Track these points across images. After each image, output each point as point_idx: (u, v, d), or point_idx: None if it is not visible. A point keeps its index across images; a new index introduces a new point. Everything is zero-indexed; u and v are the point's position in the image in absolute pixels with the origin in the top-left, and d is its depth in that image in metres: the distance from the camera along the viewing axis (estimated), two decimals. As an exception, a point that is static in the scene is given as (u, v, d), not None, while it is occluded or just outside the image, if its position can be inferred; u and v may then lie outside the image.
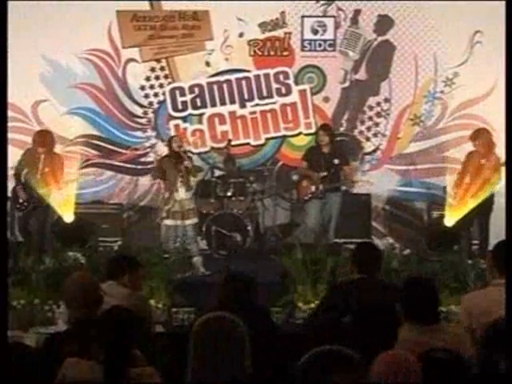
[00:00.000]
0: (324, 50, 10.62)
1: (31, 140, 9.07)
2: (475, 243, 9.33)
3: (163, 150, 10.26)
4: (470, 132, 9.45)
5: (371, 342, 3.65)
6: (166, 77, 10.63)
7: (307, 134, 10.57)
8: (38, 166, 8.84)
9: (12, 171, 8.72)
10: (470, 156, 9.25)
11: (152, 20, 10.53)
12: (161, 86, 10.64)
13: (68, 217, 9.05)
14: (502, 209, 7.04)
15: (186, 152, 8.95)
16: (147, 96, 10.67)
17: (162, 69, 10.63)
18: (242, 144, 10.61)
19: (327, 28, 10.59)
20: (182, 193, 8.71)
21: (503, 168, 8.65)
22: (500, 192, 8.57)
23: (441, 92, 10.64)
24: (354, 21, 10.61)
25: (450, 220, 9.08)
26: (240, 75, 10.61)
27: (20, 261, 7.71)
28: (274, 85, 10.60)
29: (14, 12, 9.05)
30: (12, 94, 8.18)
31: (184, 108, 10.64)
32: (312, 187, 9.37)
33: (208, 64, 10.62)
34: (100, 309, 4.47)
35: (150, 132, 10.71)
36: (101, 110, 10.62)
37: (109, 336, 3.78)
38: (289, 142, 10.70)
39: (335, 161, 9.35)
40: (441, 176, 10.48)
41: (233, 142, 10.20)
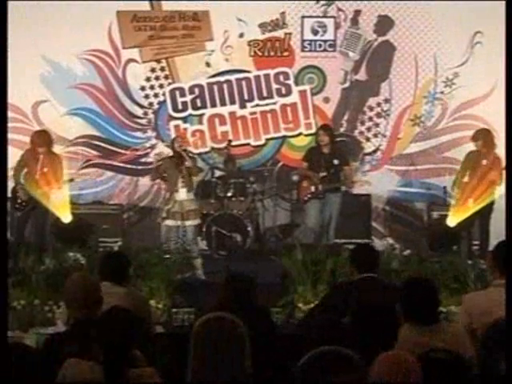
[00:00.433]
0: (324, 51, 10.63)
1: (29, 140, 9.04)
2: (475, 244, 9.33)
3: (163, 151, 10.28)
4: (471, 132, 9.46)
5: (371, 343, 3.65)
6: (166, 77, 10.63)
7: (307, 135, 10.57)
8: (37, 167, 8.82)
9: (11, 172, 8.71)
10: (471, 156, 9.24)
11: (152, 20, 10.54)
12: (161, 87, 10.64)
13: (66, 217, 9.04)
14: (502, 209, 7.06)
15: (188, 152, 8.92)
16: (147, 96, 10.66)
17: (162, 69, 10.63)
18: (242, 144, 10.61)
19: (327, 28, 10.60)
20: (183, 193, 8.69)
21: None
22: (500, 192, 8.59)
23: (441, 92, 10.64)
24: (354, 21, 10.61)
25: (453, 221, 9.06)
26: (240, 76, 10.61)
27: (20, 261, 7.69)
28: (274, 85, 10.60)
29: (14, 12, 9.04)
30: (12, 95, 8.19)
31: (184, 108, 10.63)
32: (312, 188, 9.36)
33: (208, 64, 10.62)
34: (100, 309, 4.47)
35: (150, 132, 10.71)
36: (101, 111, 10.62)
37: (109, 336, 3.78)
38: (289, 143, 10.70)
39: (335, 161, 9.34)
40: (441, 176, 10.49)
41: (233, 143, 10.19)
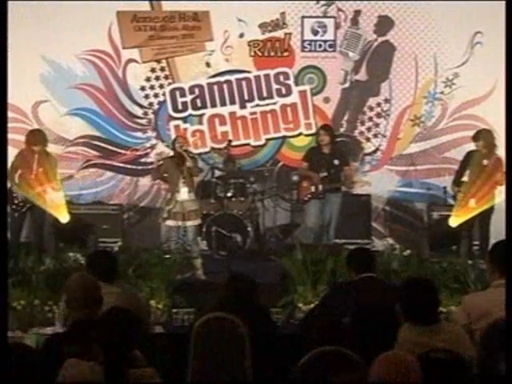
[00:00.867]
0: (324, 51, 10.63)
1: (24, 140, 8.96)
2: (475, 244, 9.33)
3: (164, 151, 10.29)
4: (471, 133, 9.46)
5: (371, 343, 3.65)
6: (167, 77, 10.63)
7: (307, 135, 10.57)
8: (33, 166, 8.80)
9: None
10: (471, 156, 9.24)
11: (152, 21, 10.53)
12: (161, 87, 10.64)
13: (63, 217, 9.03)
14: (503, 209, 7.06)
15: (189, 153, 8.89)
16: (147, 96, 10.66)
17: (163, 69, 10.63)
18: (243, 145, 10.61)
19: (327, 29, 10.60)
20: (184, 194, 8.67)
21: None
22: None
23: (441, 93, 10.64)
24: (354, 21, 10.61)
25: (456, 221, 9.05)
26: (240, 76, 10.61)
27: (20, 261, 7.69)
28: (274, 85, 10.60)
29: (14, 12, 9.04)
30: (12, 95, 8.18)
31: (184, 108, 10.63)
32: (312, 188, 9.36)
33: (208, 65, 10.62)
34: (100, 309, 4.47)
35: (150, 133, 10.70)
36: (101, 111, 10.62)
37: (109, 336, 3.78)
38: (289, 143, 10.69)
39: (335, 161, 9.34)
40: (441, 177, 10.49)
41: (233, 143, 10.17)
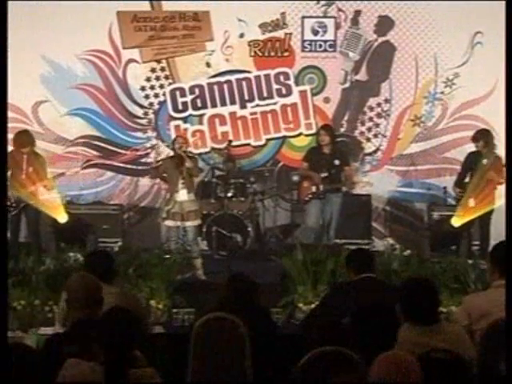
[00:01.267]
0: (324, 51, 10.62)
1: (12, 142, 8.81)
2: (476, 244, 9.33)
3: (164, 151, 10.29)
4: (471, 133, 9.47)
5: (371, 343, 3.65)
6: (167, 77, 10.63)
7: (308, 135, 10.57)
8: (23, 167, 8.83)
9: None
10: (472, 157, 9.26)
11: (152, 21, 10.53)
12: (161, 87, 10.64)
13: (59, 216, 9.06)
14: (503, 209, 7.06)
15: (188, 153, 8.86)
16: (147, 97, 10.66)
17: (163, 69, 10.63)
18: (243, 145, 10.61)
19: (327, 29, 10.59)
20: (184, 194, 8.66)
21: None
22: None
23: (441, 93, 10.64)
24: (355, 21, 10.61)
25: (458, 221, 9.05)
26: (240, 76, 10.61)
27: (20, 262, 7.70)
28: (275, 85, 10.60)
29: (14, 12, 9.03)
30: (12, 95, 8.16)
31: (184, 109, 10.63)
32: (312, 188, 9.36)
33: (208, 65, 10.61)
34: (101, 309, 4.47)
35: (151, 133, 10.70)
36: (101, 111, 10.62)
37: (109, 337, 3.78)
38: (289, 143, 10.69)
39: (336, 161, 9.34)
40: (441, 177, 10.49)
41: (233, 143, 10.17)
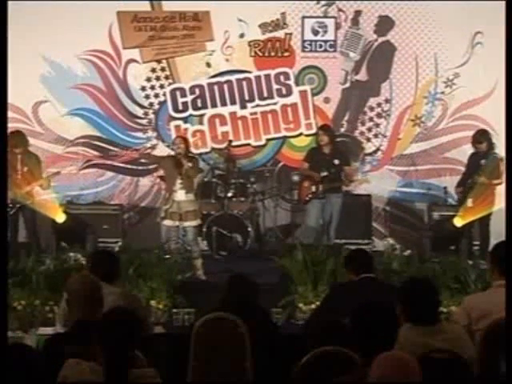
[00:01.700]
0: (325, 51, 10.63)
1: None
2: (476, 244, 9.33)
3: (164, 151, 10.28)
4: (471, 133, 9.49)
5: (371, 344, 3.65)
6: (167, 77, 10.63)
7: (308, 135, 10.57)
8: (17, 166, 8.86)
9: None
10: (472, 157, 9.29)
11: (153, 21, 10.53)
12: (161, 87, 10.64)
13: (58, 217, 9.08)
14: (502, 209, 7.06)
15: (186, 156, 8.73)
16: (148, 97, 10.66)
17: (163, 69, 10.63)
18: (243, 145, 10.61)
19: (328, 29, 10.60)
20: (182, 195, 8.63)
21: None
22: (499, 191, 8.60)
23: (441, 93, 10.64)
24: (355, 21, 10.61)
25: (461, 221, 9.05)
26: (241, 76, 10.61)
27: (20, 262, 7.70)
28: (275, 85, 10.60)
29: (14, 12, 9.04)
30: (12, 95, 8.16)
31: (185, 109, 10.63)
32: (313, 188, 9.36)
33: (209, 65, 10.62)
34: (101, 310, 4.46)
35: (151, 133, 10.71)
36: (101, 111, 10.62)
37: (110, 337, 3.77)
38: (289, 143, 10.69)
39: (336, 161, 9.34)
40: (441, 177, 10.50)
41: (233, 143, 10.18)
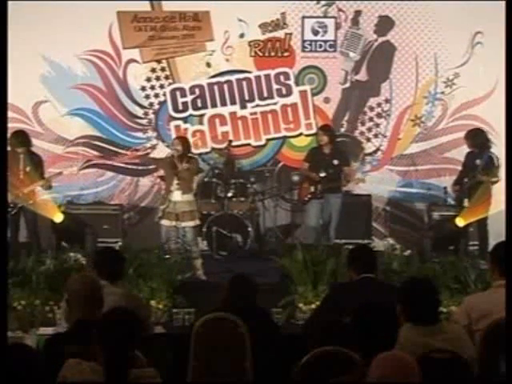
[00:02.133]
0: (325, 51, 10.63)
1: (8, 143, 8.87)
2: (474, 244, 9.34)
3: (164, 151, 10.28)
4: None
5: (371, 344, 3.65)
6: (167, 77, 10.63)
7: (308, 135, 10.58)
8: (20, 167, 8.83)
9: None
10: (469, 156, 9.30)
11: (153, 21, 10.53)
12: (161, 87, 10.64)
13: (56, 217, 9.07)
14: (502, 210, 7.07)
15: (185, 154, 8.71)
16: (148, 97, 10.66)
17: (163, 69, 10.63)
18: (243, 145, 10.61)
19: (328, 29, 10.60)
20: (178, 195, 8.59)
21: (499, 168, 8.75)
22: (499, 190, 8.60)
23: (441, 93, 10.64)
24: (355, 22, 10.61)
25: (462, 221, 9.06)
26: (241, 76, 10.61)
27: (20, 262, 7.69)
28: (275, 85, 10.60)
29: (14, 12, 9.04)
30: (12, 95, 8.18)
31: (185, 109, 10.63)
32: (312, 188, 9.37)
33: (209, 65, 10.62)
34: (101, 310, 4.46)
35: (151, 133, 10.70)
36: (101, 111, 10.62)
37: (110, 337, 3.77)
38: (289, 143, 10.69)
39: (336, 162, 9.34)
40: (441, 177, 10.50)
41: (233, 143, 10.19)
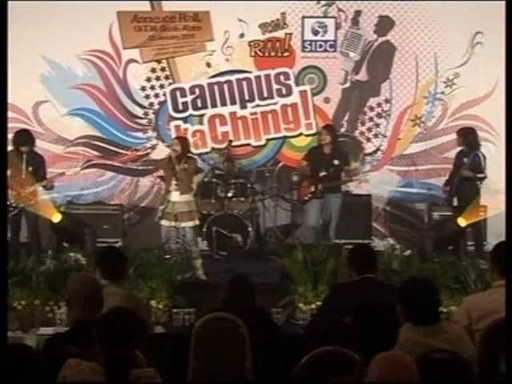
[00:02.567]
0: (325, 51, 10.63)
1: (11, 141, 8.75)
2: (471, 244, 9.35)
3: (164, 151, 10.28)
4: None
5: (371, 343, 3.65)
6: (167, 77, 10.63)
7: (308, 135, 10.58)
8: (22, 166, 8.80)
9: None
10: (459, 156, 9.36)
11: (153, 21, 10.54)
12: (161, 87, 10.64)
13: (54, 217, 9.08)
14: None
15: (182, 158, 8.67)
16: (148, 97, 10.67)
17: (163, 69, 10.63)
18: (243, 145, 10.61)
19: (328, 29, 10.60)
20: (176, 196, 8.57)
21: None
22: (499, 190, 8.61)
23: (441, 93, 10.65)
24: (355, 22, 10.61)
25: (463, 221, 9.06)
26: (241, 76, 10.61)
27: (20, 262, 7.70)
28: (275, 85, 10.60)
29: (14, 12, 9.04)
30: (12, 95, 8.18)
31: (185, 109, 10.63)
32: (312, 188, 9.37)
33: (209, 65, 10.62)
34: (101, 310, 4.46)
35: (151, 133, 10.71)
36: (101, 111, 10.62)
37: (110, 337, 3.77)
38: (289, 143, 10.70)
39: (336, 161, 9.34)
40: (441, 177, 10.48)
41: (233, 143, 10.20)
